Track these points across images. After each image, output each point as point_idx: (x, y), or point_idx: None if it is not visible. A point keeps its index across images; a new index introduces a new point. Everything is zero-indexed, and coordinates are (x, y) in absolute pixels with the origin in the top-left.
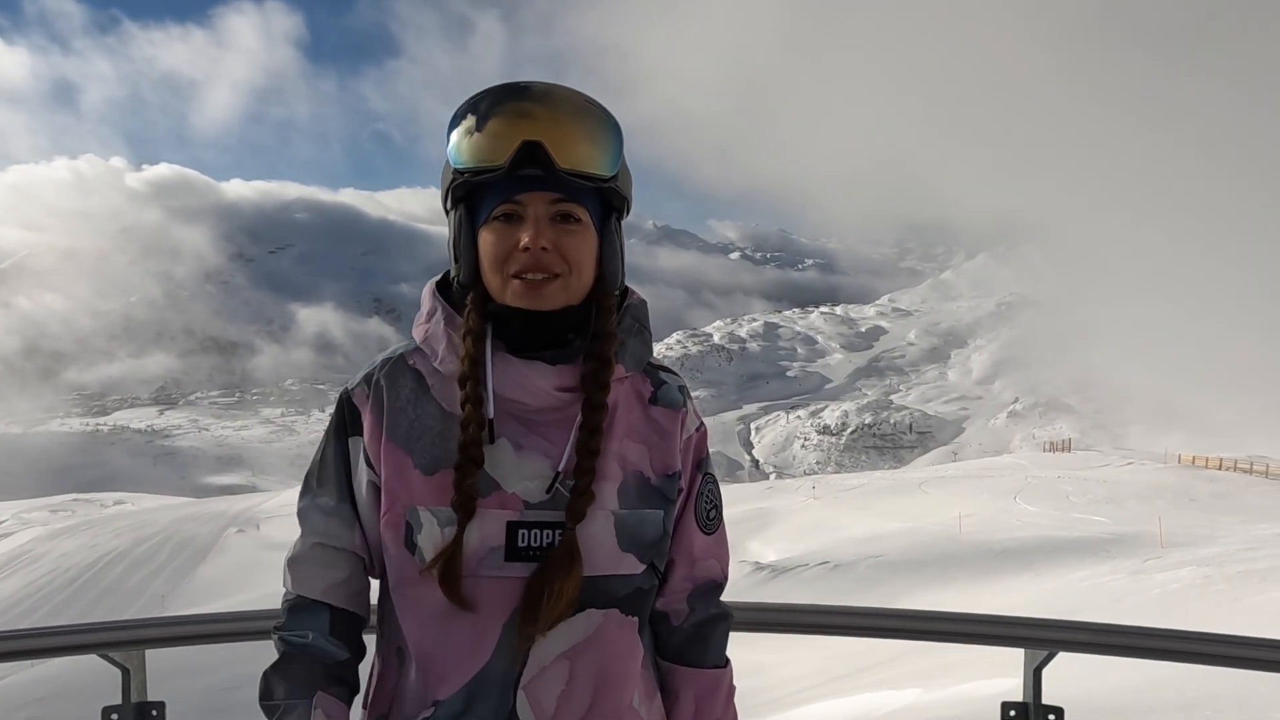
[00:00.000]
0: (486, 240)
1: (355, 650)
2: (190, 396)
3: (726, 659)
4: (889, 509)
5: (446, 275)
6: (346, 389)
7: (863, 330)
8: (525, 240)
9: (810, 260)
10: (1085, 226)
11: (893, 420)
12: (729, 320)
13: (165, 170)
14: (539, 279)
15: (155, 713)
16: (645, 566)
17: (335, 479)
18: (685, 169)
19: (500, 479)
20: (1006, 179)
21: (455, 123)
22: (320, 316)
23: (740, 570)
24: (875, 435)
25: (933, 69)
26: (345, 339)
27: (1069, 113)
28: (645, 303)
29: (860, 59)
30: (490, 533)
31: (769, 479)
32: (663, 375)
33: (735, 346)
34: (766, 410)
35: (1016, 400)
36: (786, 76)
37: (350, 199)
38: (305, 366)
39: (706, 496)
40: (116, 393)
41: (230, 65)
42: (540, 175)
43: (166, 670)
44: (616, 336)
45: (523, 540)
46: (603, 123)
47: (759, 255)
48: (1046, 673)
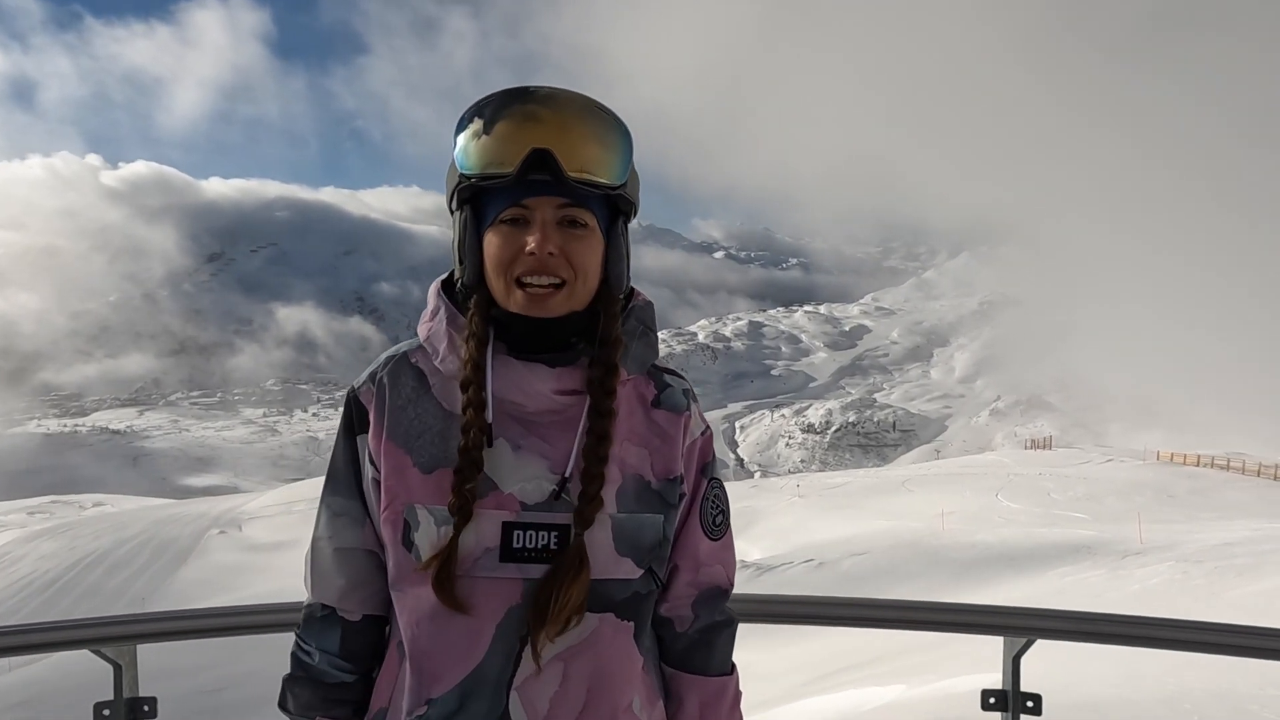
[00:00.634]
0: (492, 243)
1: (369, 662)
2: (170, 397)
3: (732, 665)
4: (873, 507)
5: (453, 274)
6: (353, 387)
7: (846, 329)
8: (531, 244)
9: (794, 259)
10: (1065, 228)
11: (876, 419)
12: (713, 319)
13: (142, 168)
14: (543, 290)
15: (147, 708)
16: (643, 571)
17: (346, 477)
18: (669, 168)
19: (498, 479)
20: (988, 180)
21: (461, 126)
22: (301, 316)
23: None
24: (859, 434)
25: (913, 69)
26: (326, 338)
27: (1048, 115)
28: (651, 304)
29: (839, 58)
30: (486, 533)
31: (754, 478)
32: (667, 378)
33: (720, 345)
34: (751, 409)
35: (998, 398)
36: (766, 75)
37: (331, 197)
38: (286, 366)
39: (712, 501)
40: (94, 393)
41: (196, 62)
42: (548, 180)
43: (154, 671)
44: (622, 341)
45: (518, 541)
46: (612, 128)
47: (743, 254)
48: (1028, 667)
